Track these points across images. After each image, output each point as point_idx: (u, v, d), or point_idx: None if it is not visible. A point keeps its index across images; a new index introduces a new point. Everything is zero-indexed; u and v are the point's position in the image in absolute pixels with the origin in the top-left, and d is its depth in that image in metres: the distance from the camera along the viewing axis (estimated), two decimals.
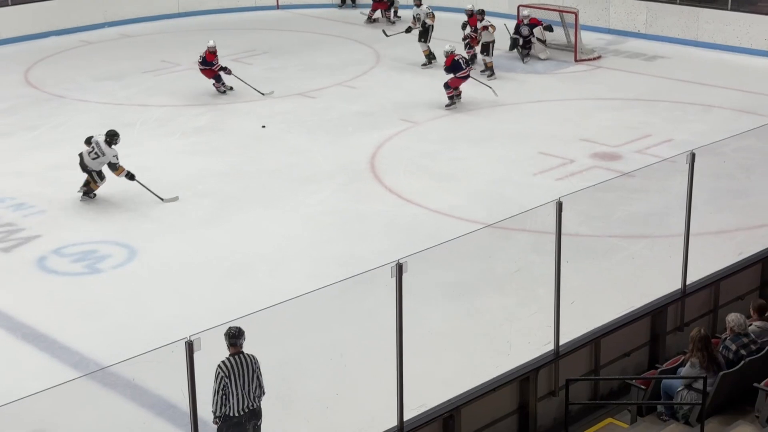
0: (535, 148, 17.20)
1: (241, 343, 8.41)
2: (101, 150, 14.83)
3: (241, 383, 8.40)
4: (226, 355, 8.38)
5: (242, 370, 8.40)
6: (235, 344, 8.38)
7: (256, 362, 8.46)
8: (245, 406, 8.45)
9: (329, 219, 14.58)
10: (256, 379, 8.47)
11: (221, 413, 8.37)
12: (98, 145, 14.85)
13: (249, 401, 8.47)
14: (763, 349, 9.60)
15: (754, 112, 18.26)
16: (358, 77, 21.87)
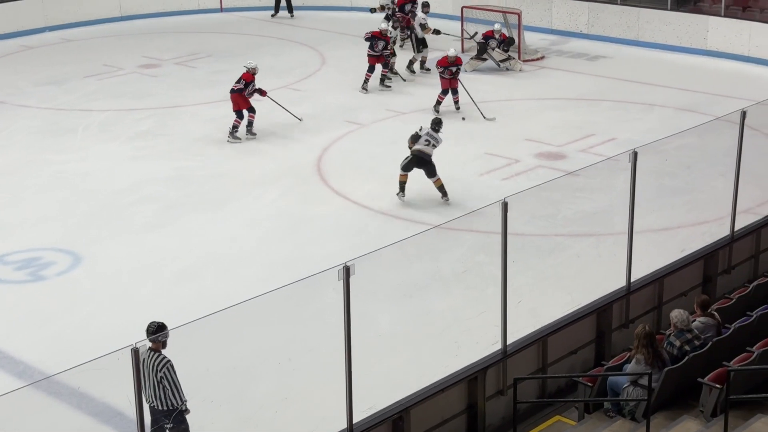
0: (481, 148, 17.30)
1: (159, 339, 8.36)
2: None
3: (143, 379, 8.35)
4: (168, 358, 8.40)
5: (145, 367, 8.35)
6: (153, 340, 8.37)
7: (162, 368, 8.38)
8: (149, 405, 8.43)
9: (276, 222, 14.54)
10: (156, 383, 8.41)
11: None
12: None
13: (150, 401, 8.44)
14: (707, 345, 9.74)
15: (695, 110, 18.54)
16: (303, 80, 21.83)
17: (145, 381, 8.41)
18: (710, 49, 22.94)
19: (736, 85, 20.41)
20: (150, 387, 8.43)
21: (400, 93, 20.64)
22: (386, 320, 11.46)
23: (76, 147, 16.85)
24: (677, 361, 9.59)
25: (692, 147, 16.21)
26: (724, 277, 12.48)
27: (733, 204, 12.33)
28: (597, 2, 24.79)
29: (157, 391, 8.43)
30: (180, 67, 23.05)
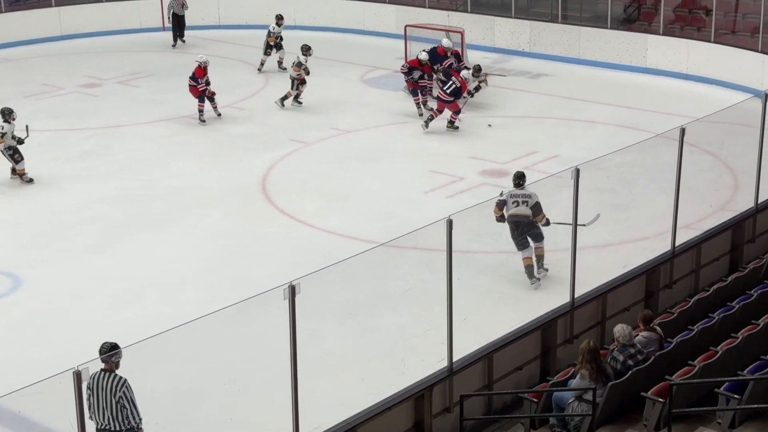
0: (425, 166, 17.37)
1: (113, 360, 8.31)
2: None
3: (96, 401, 8.33)
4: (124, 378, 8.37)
5: (100, 388, 8.32)
6: (106, 360, 8.31)
7: (122, 387, 8.34)
8: (100, 427, 8.38)
9: (221, 242, 14.45)
10: (115, 404, 8.34)
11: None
12: None
13: (102, 422, 8.39)
14: (650, 359, 9.86)
15: (635, 127, 18.79)
16: (246, 99, 21.77)
17: (99, 403, 8.35)
18: (649, 67, 23.30)
19: (675, 102, 20.74)
20: (107, 409, 8.35)
21: (346, 111, 20.67)
22: (332, 339, 11.43)
23: None
24: (621, 375, 9.69)
25: (633, 164, 16.43)
26: (665, 292, 12.65)
27: (673, 220, 12.51)
28: (538, 21, 25.09)
29: (115, 412, 8.35)
30: (122, 86, 22.87)
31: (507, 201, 12.72)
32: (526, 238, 12.71)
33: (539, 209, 12.60)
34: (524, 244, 12.73)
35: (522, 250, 12.76)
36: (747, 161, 14.64)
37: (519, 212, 12.67)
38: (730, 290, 11.96)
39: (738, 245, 13.73)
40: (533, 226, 12.71)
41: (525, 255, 12.74)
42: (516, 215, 12.69)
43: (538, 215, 12.59)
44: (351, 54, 25.40)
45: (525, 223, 12.67)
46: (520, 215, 12.65)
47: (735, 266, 13.46)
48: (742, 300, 11.30)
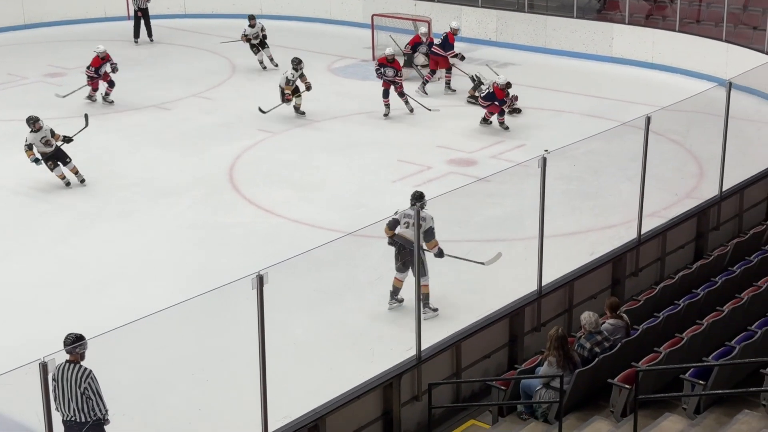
0: (393, 155, 17.37)
1: (78, 351, 8.29)
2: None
3: (61, 393, 8.31)
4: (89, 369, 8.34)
5: (65, 380, 8.30)
6: (70, 352, 8.29)
7: (87, 378, 8.32)
8: (65, 418, 8.36)
9: (189, 232, 14.39)
10: (80, 395, 8.33)
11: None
12: None
13: (67, 413, 8.37)
14: (616, 346, 9.94)
15: (601, 116, 18.88)
16: (213, 88, 21.67)
17: (65, 395, 8.31)
18: (615, 56, 23.41)
19: (641, 91, 20.86)
20: (72, 400, 8.32)
21: (313, 100, 20.61)
22: (301, 328, 11.43)
23: None
24: (588, 362, 9.77)
25: (599, 152, 16.52)
26: (631, 280, 12.75)
27: (639, 208, 12.60)
28: (505, 10, 25.13)
29: (80, 403, 8.32)
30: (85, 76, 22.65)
31: (399, 221, 11.65)
32: (408, 264, 11.60)
33: (431, 235, 11.41)
34: (403, 268, 11.75)
35: (399, 272, 11.77)
36: (711, 149, 14.79)
37: (407, 235, 11.54)
38: (695, 277, 12.07)
39: (703, 233, 13.85)
40: (412, 254, 11.10)
41: (398, 277, 11.78)
42: (403, 237, 11.59)
43: (428, 242, 11.40)
44: (318, 43, 25.33)
45: (410, 250, 11.38)
46: (408, 239, 11.51)
47: (700, 254, 13.59)
48: (707, 287, 11.41)
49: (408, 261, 11.53)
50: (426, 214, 11.30)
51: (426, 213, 11.30)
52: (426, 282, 11.38)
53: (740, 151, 15.52)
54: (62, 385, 8.32)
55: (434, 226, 11.38)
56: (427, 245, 11.35)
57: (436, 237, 11.43)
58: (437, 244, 11.50)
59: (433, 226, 11.38)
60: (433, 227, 11.39)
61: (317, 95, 20.63)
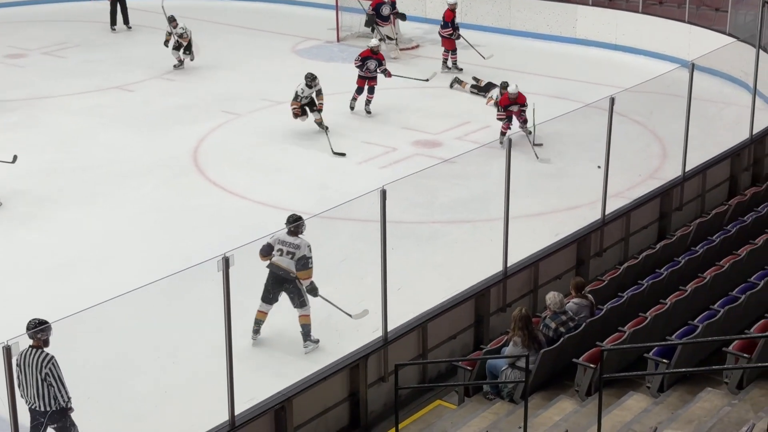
0: (358, 137, 17.35)
1: (40, 337, 8.21)
2: None
3: (24, 379, 8.25)
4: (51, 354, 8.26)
5: (27, 365, 8.23)
6: (33, 337, 8.22)
7: (48, 364, 8.24)
8: (30, 406, 8.32)
9: (153, 215, 14.30)
10: (41, 382, 8.25)
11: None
12: None
13: (30, 401, 8.32)
14: (581, 326, 10.02)
15: (565, 97, 18.92)
16: (176, 70, 21.48)
17: (27, 381, 8.25)
18: (579, 38, 23.46)
19: (605, 72, 20.94)
20: (33, 387, 8.25)
21: (277, 81, 20.52)
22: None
23: None
24: (553, 342, 9.84)
25: (564, 133, 16.59)
26: (596, 260, 12.84)
27: (603, 189, 12.69)
28: None
29: (41, 390, 8.25)
30: (48, 57, 22.43)
31: (273, 246, 10.52)
32: (277, 296, 10.63)
33: (305, 265, 10.36)
34: (272, 300, 10.64)
35: (264, 303, 10.64)
36: (674, 130, 14.90)
37: (280, 264, 10.42)
38: (658, 257, 12.18)
39: (666, 213, 13.98)
40: (292, 285, 10.51)
41: (261, 309, 10.68)
42: (276, 266, 10.47)
43: (301, 271, 10.38)
44: (282, 25, 25.20)
45: (283, 279, 10.49)
46: (281, 268, 10.44)
47: (663, 234, 13.72)
48: (670, 267, 11.52)
49: (278, 293, 10.56)
50: (302, 241, 10.35)
51: (302, 240, 10.37)
52: (305, 312, 10.53)
53: (703, 132, 15.65)
54: (25, 372, 8.25)
55: (310, 256, 10.33)
56: (299, 276, 10.37)
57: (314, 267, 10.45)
58: (311, 276, 10.43)
59: (308, 255, 10.31)
60: (308, 256, 10.31)
61: (281, 77, 20.55)
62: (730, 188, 15.30)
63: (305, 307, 10.58)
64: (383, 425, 10.09)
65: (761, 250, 11.71)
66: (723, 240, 12.20)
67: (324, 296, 10.69)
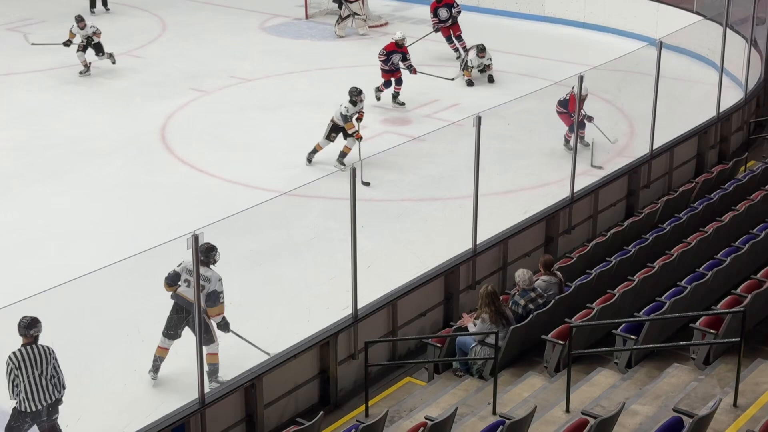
0: (327, 115, 17.26)
1: (35, 333, 8.09)
2: None
3: (35, 375, 8.08)
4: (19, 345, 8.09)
5: (35, 361, 8.08)
6: (26, 335, 8.07)
7: (53, 353, 8.19)
8: (41, 399, 8.15)
9: (121, 192, 14.20)
10: (52, 371, 8.17)
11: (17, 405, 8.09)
12: None
13: (46, 393, 8.17)
14: (550, 303, 10.08)
15: (535, 75, 18.96)
16: (144, 46, 21.32)
17: (35, 381, 8.08)
18: (548, 15, 23.48)
19: (573, 50, 20.99)
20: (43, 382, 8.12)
21: (245, 59, 20.41)
22: (237, 288, 11.36)
23: None
24: (522, 319, 9.89)
25: (533, 111, 16.61)
26: (564, 237, 12.91)
27: (572, 166, 12.74)
28: None
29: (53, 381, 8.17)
30: (12, 32, 22.15)
31: (180, 276, 9.60)
32: (179, 331, 9.63)
33: (215, 300, 9.39)
34: (175, 335, 9.63)
35: (165, 338, 9.67)
36: (642, 108, 14.97)
37: (187, 296, 9.44)
38: (626, 235, 12.26)
39: (634, 191, 14.07)
40: (201, 322, 9.28)
41: (163, 344, 9.71)
42: (183, 297, 9.53)
43: (211, 308, 9.39)
44: (250, 1, 25.00)
45: (189, 312, 9.45)
46: (189, 301, 9.44)
47: (631, 211, 13.81)
48: (638, 244, 11.60)
49: (183, 327, 9.56)
50: (213, 273, 9.38)
51: (213, 272, 9.40)
52: (213, 350, 9.52)
53: (670, 110, 15.73)
54: (30, 371, 8.02)
55: (222, 290, 9.41)
56: (208, 311, 9.40)
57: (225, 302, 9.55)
58: (222, 312, 9.52)
59: (219, 290, 9.39)
60: (218, 291, 9.38)
61: (251, 54, 20.44)
62: (697, 166, 15.41)
63: (212, 345, 9.47)
64: (353, 402, 10.11)
65: (728, 227, 11.82)
66: (690, 217, 12.30)
67: (236, 332, 9.68)
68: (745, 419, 7.83)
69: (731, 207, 12.39)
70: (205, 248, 9.21)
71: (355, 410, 9.85)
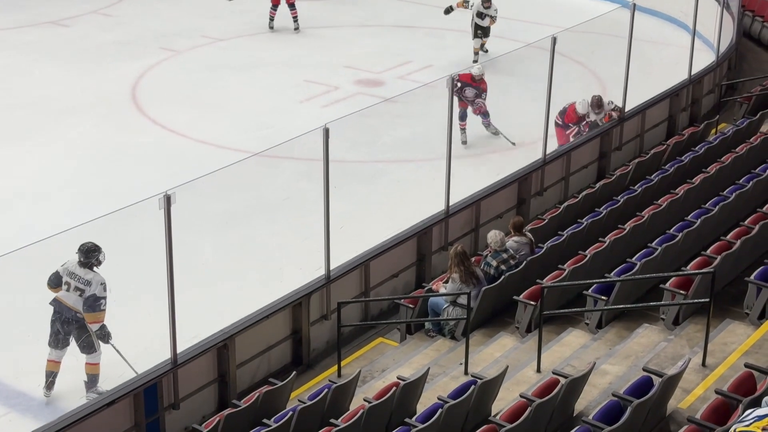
0: (300, 76, 17.20)
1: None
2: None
3: None
4: None
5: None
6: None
7: None
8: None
9: (91, 152, 14.09)
10: None
11: None
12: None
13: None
14: (522, 263, 10.13)
15: (507, 37, 18.82)
16: (113, 4, 21.06)
17: None
18: None
19: (546, 12, 20.92)
20: None
21: (216, 18, 20.21)
22: (209, 250, 11.36)
23: None
24: (494, 280, 9.94)
25: (505, 73, 16.60)
26: (537, 199, 12.94)
27: (544, 129, 12.75)
28: None
29: None
30: None
31: (61, 276, 8.84)
32: (68, 338, 8.85)
33: (94, 306, 8.63)
34: (62, 342, 8.85)
35: (54, 349, 8.87)
36: (614, 71, 14.98)
37: (65, 301, 8.74)
38: (597, 197, 12.32)
39: (605, 153, 14.11)
40: (80, 327, 8.79)
41: (52, 357, 8.90)
42: (61, 303, 8.78)
43: (89, 314, 8.65)
44: None
45: (72, 320, 8.78)
46: (67, 306, 8.75)
47: (602, 173, 13.86)
48: (609, 206, 11.66)
49: (69, 335, 8.83)
50: (95, 276, 8.73)
51: (95, 275, 8.75)
52: (94, 360, 8.84)
53: (642, 72, 15.75)
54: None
55: (103, 296, 8.67)
56: (86, 318, 8.69)
57: None
58: (101, 320, 8.71)
59: (100, 295, 8.65)
60: (99, 296, 8.65)
61: (222, 13, 20.23)
62: (669, 128, 15.47)
63: (93, 354, 8.80)
64: (325, 363, 10.14)
65: (698, 189, 11.90)
66: (661, 179, 12.37)
67: (114, 345, 8.94)
68: (714, 378, 7.93)
69: (702, 169, 12.46)
70: (86, 249, 8.75)
71: (328, 370, 9.88)
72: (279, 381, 8.46)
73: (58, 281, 8.90)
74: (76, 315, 8.76)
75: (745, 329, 8.74)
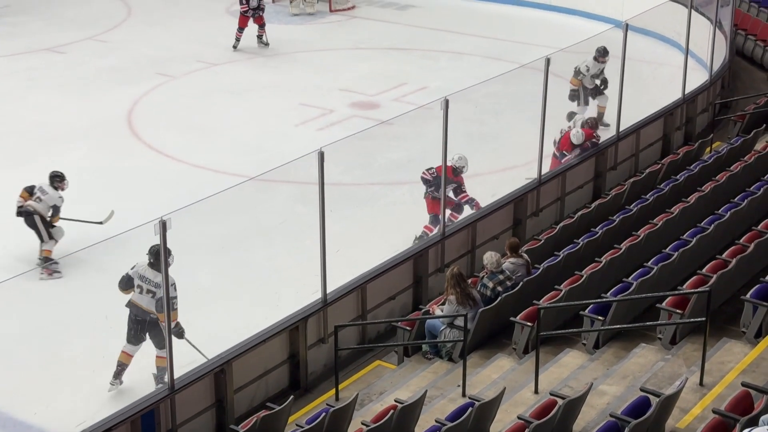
0: (295, 99, 17.25)
1: None
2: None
3: None
4: None
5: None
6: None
7: None
8: None
9: (87, 178, 14.07)
10: None
11: None
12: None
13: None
14: (518, 284, 10.13)
15: (501, 58, 19.01)
16: (109, 31, 21.14)
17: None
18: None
19: (540, 33, 21.03)
20: None
21: (211, 43, 20.29)
22: (205, 274, 11.35)
23: None
24: (491, 302, 9.93)
25: (500, 94, 16.65)
26: (532, 220, 12.96)
27: (539, 149, 12.77)
28: None
29: None
30: None
31: (133, 280, 9.40)
32: (143, 335, 9.47)
33: (168, 306, 8.88)
34: (138, 339, 9.49)
35: (129, 344, 9.51)
36: (609, 90, 15.03)
37: (139, 303, 9.36)
38: (593, 216, 12.33)
39: (601, 172, 14.13)
40: (155, 328, 9.36)
41: (126, 349, 9.54)
42: (135, 305, 9.40)
43: (162, 314, 9.01)
44: None
45: (147, 321, 9.38)
46: (140, 308, 9.37)
47: (598, 193, 13.87)
48: (605, 225, 11.67)
49: (144, 332, 9.41)
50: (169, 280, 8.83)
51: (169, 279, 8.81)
52: (164, 354, 9.01)
53: (636, 92, 15.79)
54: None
55: (175, 295, 9.00)
56: (160, 318, 9.16)
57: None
58: (176, 318, 9.12)
59: (171, 295, 8.94)
60: (171, 296, 8.94)
61: (216, 38, 20.31)
62: (663, 147, 15.51)
63: (165, 349, 8.98)
64: (323, 386, 10.12)
65: (693, 208, 11.91)
66: (656, 198, 12.38)
67: (189, 339, 9.33)
68: (711, 398, 7.92)
69: (697, 188, 12.48)
70: (155, 250, 9.03)
71: (325, 394, 9.86)
72: (277, 405, 8.44)
73: (130, 284, 9.42)
74: (149, 315, 9.31)
75: (741, 348, 8.74)
